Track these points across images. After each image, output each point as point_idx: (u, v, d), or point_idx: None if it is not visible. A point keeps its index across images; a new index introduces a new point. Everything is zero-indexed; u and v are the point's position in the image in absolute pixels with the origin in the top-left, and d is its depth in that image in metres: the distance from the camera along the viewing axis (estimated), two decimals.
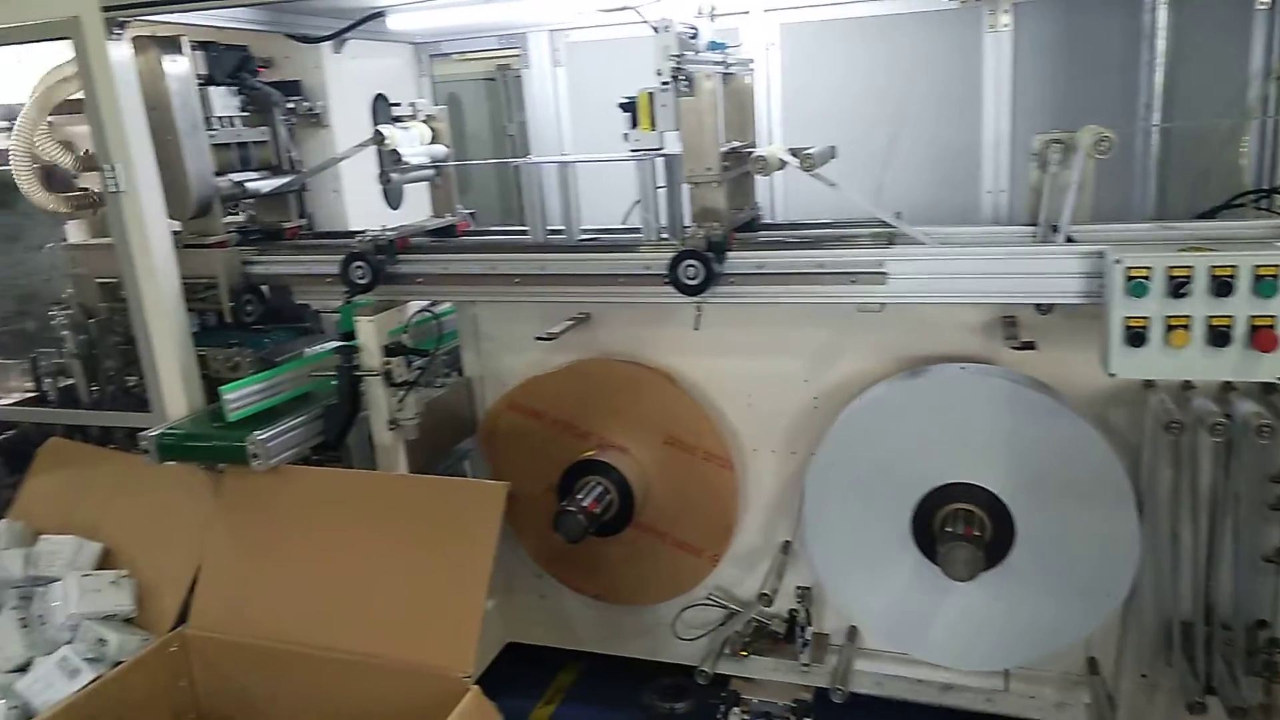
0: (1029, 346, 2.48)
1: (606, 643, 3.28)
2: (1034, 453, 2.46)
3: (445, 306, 3.05)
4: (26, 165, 3.10)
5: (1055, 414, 2.43)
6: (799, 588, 2.94)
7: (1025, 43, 3.28)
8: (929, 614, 2.67)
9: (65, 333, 3.21)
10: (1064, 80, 3.28)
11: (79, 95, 2.82)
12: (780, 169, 2.59)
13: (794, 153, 2.57)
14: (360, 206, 3.60)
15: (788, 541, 2.95)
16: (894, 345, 2.70)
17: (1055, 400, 2.47)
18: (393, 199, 3.63)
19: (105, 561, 2.82)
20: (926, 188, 3.45)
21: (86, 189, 3.22)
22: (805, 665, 2.90)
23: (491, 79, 5.12)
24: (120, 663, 2.52)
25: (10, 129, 3.33)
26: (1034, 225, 2.68)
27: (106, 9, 2.61)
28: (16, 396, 3.38)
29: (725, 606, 3.05)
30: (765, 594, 2.83)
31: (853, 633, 2.95)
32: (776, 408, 2.86)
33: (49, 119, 3.14)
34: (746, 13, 3.13)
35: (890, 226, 2.65)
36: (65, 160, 3.13)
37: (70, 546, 2.77)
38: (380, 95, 3.65)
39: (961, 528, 2.50)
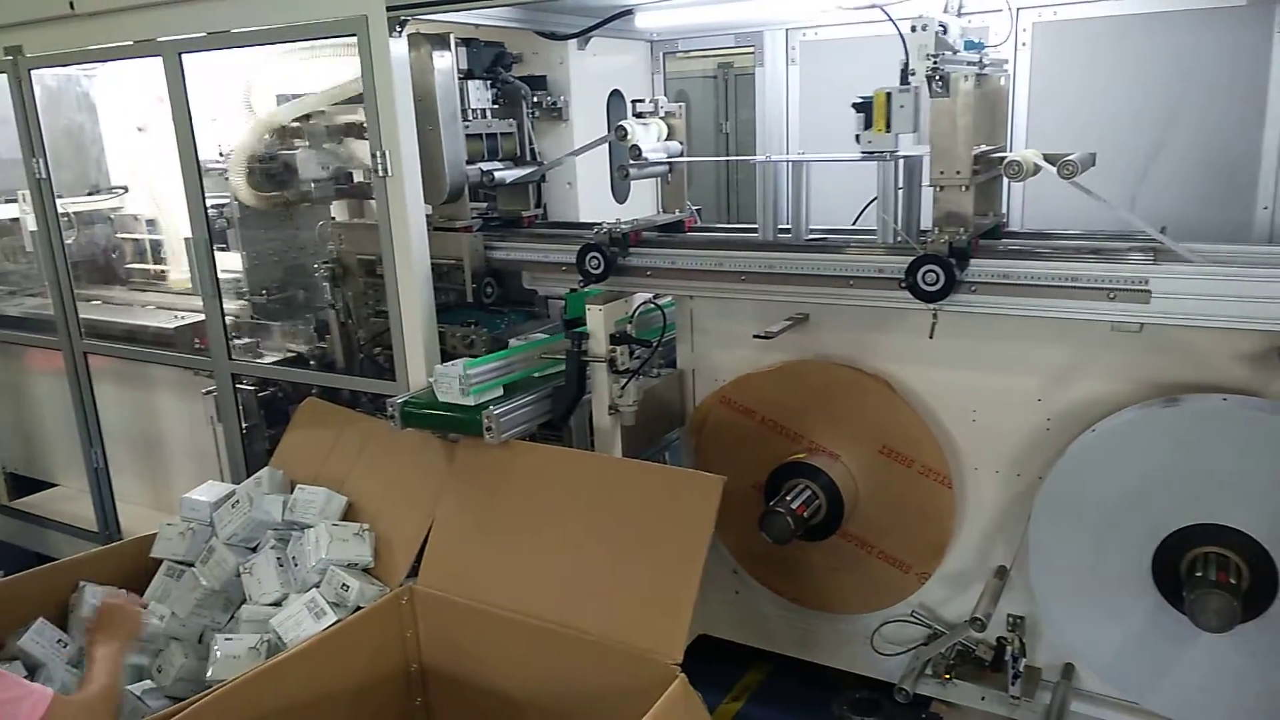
0: None
1: (798, 647, 3.24)
2: None
3: (666, 300, 3.12)
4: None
5: None
6: (1011, 616, 2.79)
7: None
8: (1166, 663, 2.47)
9: (328, 303, 3.53)
10: None
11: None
12: (1035, 175, 2.46)
13: (1050, 159, 2.44)
14: (590, 199, 3.73)
15: (1004, 567, 2.81)
16: (1144, 369, 2.50)
17: None
18: (620, 193, 3.75)
19: (349, 514, 3.06)
20: (1188, 201, 3.16)
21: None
22: (1015, 698, 2.74)
23: (712, 77, 5.17)
24: (359, 608, 2.74)
25: None
26: None
27: (391, 8, 2.82)
28: (278, 356, 3.74)
29: (929, 626, 2.95)
30: (978, 619, 2.69)
31: (1068, 670, 2.77)
32: (1004, 426, 2.72)
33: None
34: (999, 11, 2.99)
35: (1151, 241, 2.46)
36: None
37: (321, 497, 3.03)
38: (616, 91, 3.77)
39: (1215, 573, 2.30)
